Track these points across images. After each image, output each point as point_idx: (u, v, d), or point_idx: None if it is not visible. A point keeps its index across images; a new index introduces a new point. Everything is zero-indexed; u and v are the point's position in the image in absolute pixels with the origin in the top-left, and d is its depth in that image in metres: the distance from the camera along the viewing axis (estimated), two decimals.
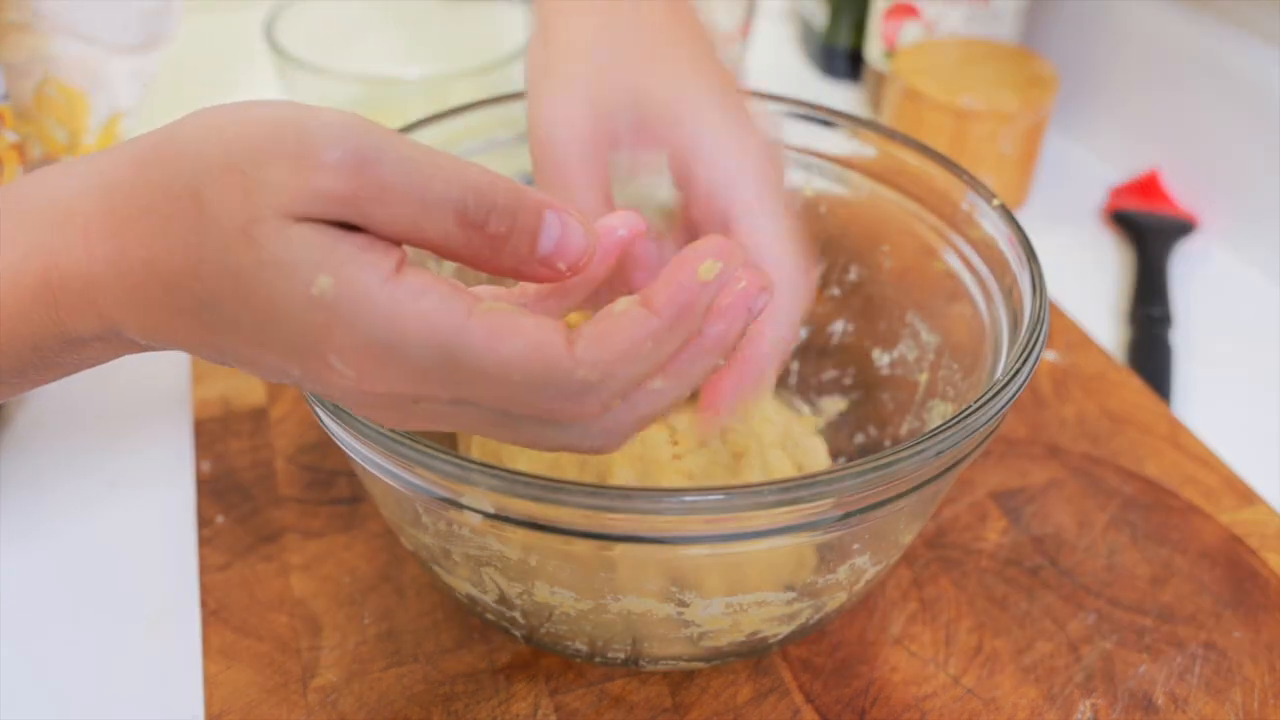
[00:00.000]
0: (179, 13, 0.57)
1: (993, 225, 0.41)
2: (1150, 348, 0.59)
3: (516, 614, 0.37)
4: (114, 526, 0.47)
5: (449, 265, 0.41)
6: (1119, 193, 0.71)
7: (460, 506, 0.31)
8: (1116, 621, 0.43)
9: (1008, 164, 0.69)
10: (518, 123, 0.46)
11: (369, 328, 0.25)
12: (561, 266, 0.28)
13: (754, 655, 0.40)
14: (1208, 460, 0.50)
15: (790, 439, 0.44)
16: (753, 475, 0.41)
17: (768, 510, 0.30)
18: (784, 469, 0.43)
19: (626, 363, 0.27)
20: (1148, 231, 0.67)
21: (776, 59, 0.89)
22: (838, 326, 0.50)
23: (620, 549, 0.33)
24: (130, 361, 0.56)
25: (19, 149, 0.47)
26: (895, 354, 0.47)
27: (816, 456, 0.45)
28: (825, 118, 0.47)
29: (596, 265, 0.31)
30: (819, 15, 0.86)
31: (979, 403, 0.33)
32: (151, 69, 0.57)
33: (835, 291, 0.49)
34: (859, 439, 0.48)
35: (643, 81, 0.36)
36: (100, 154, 0.29)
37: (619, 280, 0.35)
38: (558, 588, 0.35)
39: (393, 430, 0.31)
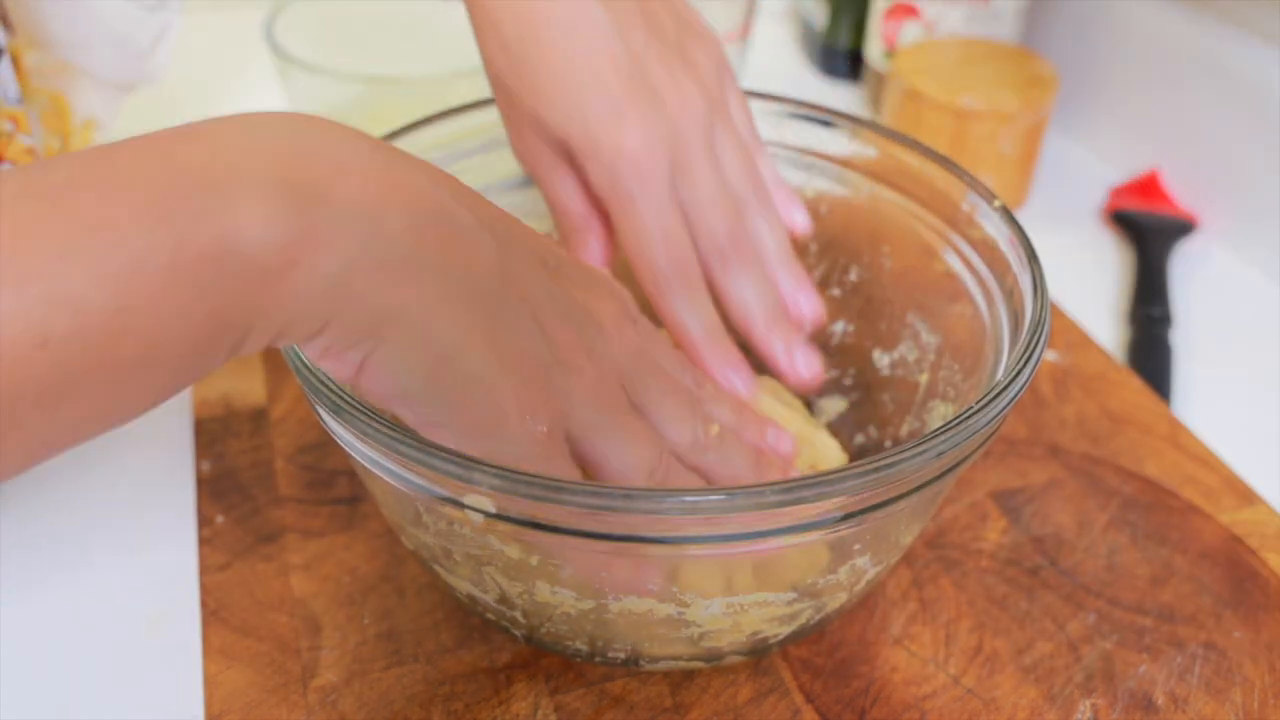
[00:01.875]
0: (167, 58, 0.57)
1: (993, 226, 0.41)
2: (1150, 348, 0.59)
3: (517, 614, 0.37)
4: (114, 526, 0.47)
5: None
6: (1119, 193, 0.72)
7: (461, 506, 0.31)
8: (1116, 621, 0.43)
9: (1008, 164, 0.69)
10: None
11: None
12: None
13: (754, 655, 0.40)
14: (1208, 460, 0.50)
15: (806, 442, 0.44)
16: None
17: (769, 511, 0.30)
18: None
19: None
20: (1148, 231, 0.67)
21: (776, 59, 0.89)
22: (838, 327, 0.50)
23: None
24: None
25: (33, 153, 0.47)
26: (895, 354, 0.47)
27: (831, 457, 0.45)
28: (825, 118, 0.47)
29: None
30: (819, 15, 0.86)
31: (980, 404, 0.33)
32: (128, 94, 0.58)
33: (835, 292, 0.49)
34: (859, 439, 0.48)
35: (536, 118, 0.40)
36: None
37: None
38: (558, 588, 0.35)
39: (394, 429, 0.31)
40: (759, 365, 0.46)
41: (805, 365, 0.42)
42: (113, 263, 0.22)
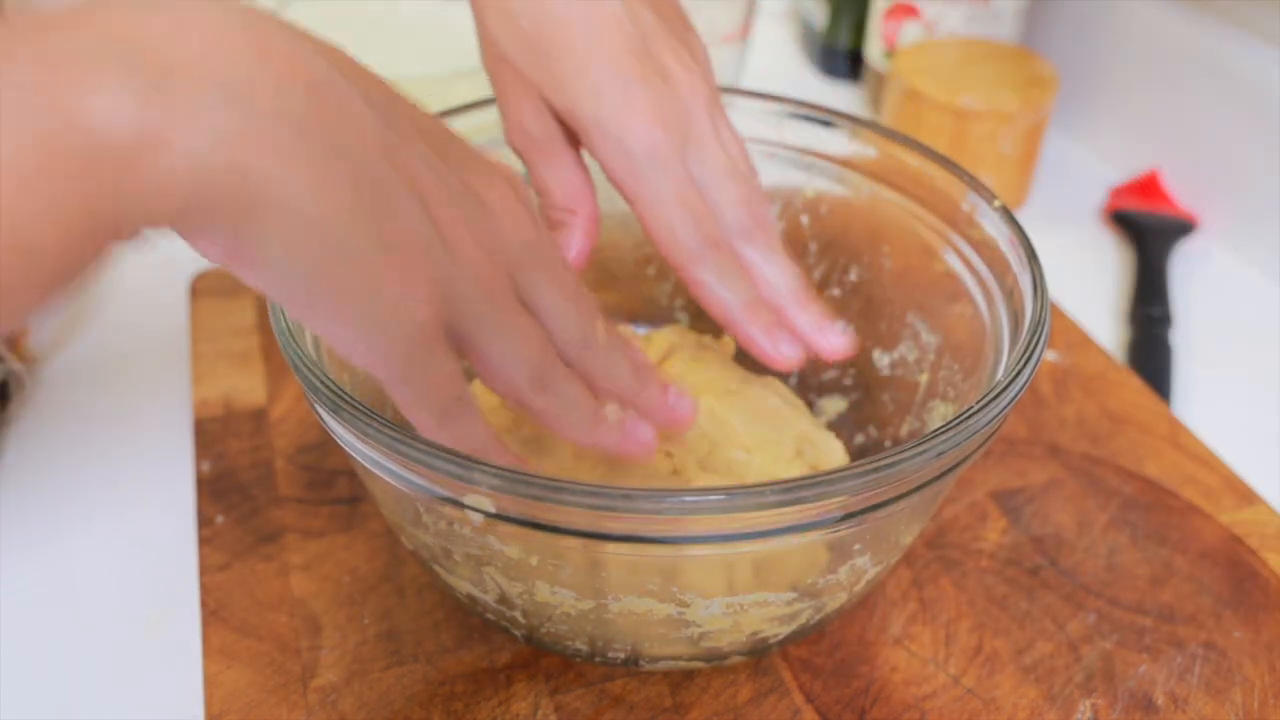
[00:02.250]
0: None
1: (993, 226, 0.41)
2: (1150, 348, 0.59)
3: (517, 614, 0.37)
4: (114, 526, 0.47)
5: None
6: (1119, 193, 0.71)
7: (461, 506, 0.31)
8: (1116, 621, 0.43)
9: (1008, 164, 0.69)
10: None
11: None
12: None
13: (754, 655, 0.40)
14: (1208, 460, 0.50)
15: (808, 443, 0.43)
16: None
17: (769, 511, 0.30)
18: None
19: None
20: (1148, 231, 0.67)
21: (776, 59, 0.89)
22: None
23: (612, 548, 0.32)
24: (131, 361, 0.56)
25: None
26: (896, 354, 0.47)
27: (834, 456, 0.44)
28: (825, 118, 0.47)
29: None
30: (819, 15, 0.86)
31: (980, 404, 0.33)
32: None
33: (835, 292, 0.49)
34: (859, 439, 0.48)
35: (545, 96, 0.39)
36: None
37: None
38: (558, 588, 0.35)
39: (394, 429, 0.31)
40: (759, 367, 0.45)
41: (840, 341, 0.40)
42: None
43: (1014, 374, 0.34)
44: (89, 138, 0.22)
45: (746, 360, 0.48)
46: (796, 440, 0.43)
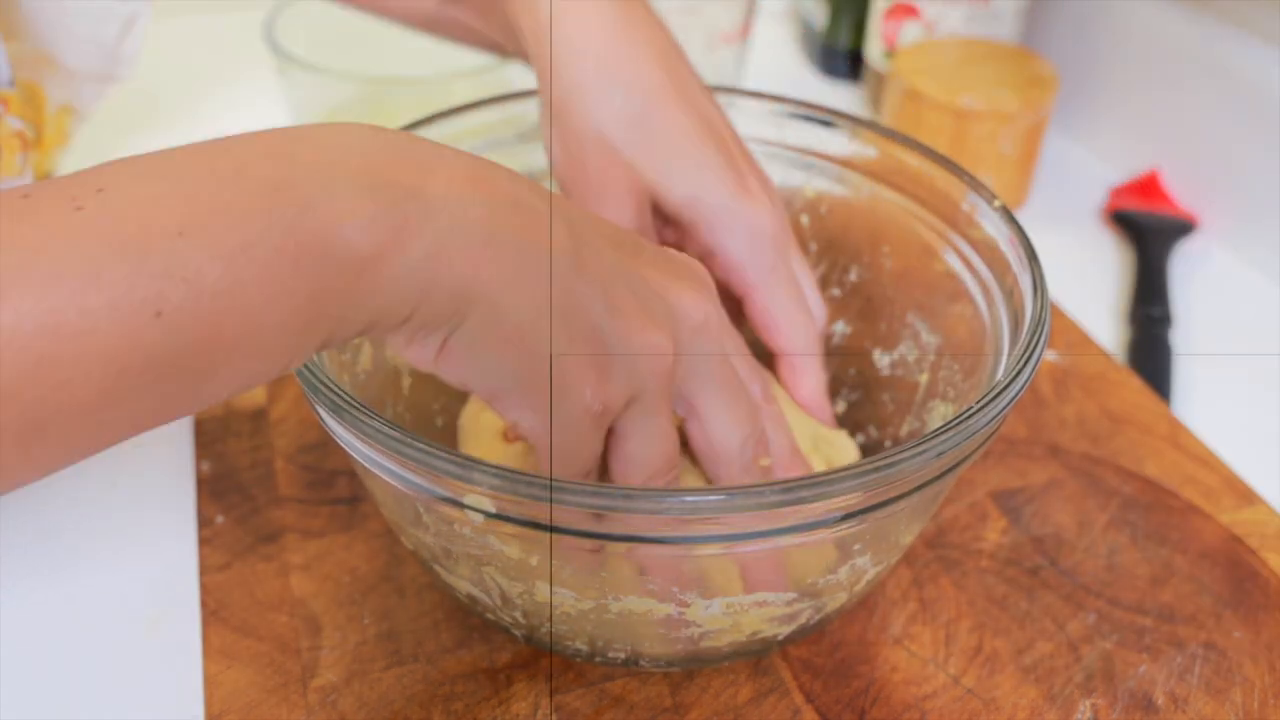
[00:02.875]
0: (136, 49, 0.57)
1: (993, 226, 0.41)
2: (1150, 348, 0.59)
3: (517, 614, 0.37)
4: (114, 526, 0.47)
5: None
6: (1119, 193, 0.71)
7: (461, 506, 0.31)
8: (1116, 621, 0.43)
9: (1008, 164, 0.69)
10: (518, 122, 0.46)
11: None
12: None
13: (754, 655, 0.40)
14: (1208, 460, 0.50)
15: (822, 439, 0.44)
16: None
17: (769, 511, 0.30)
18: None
19: None
20: (1148, 231, 0.67)
21: (776, 59, 0.89)
22: (838, 327, 0.50)
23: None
24: None
25: (21, 136, 0.47)
26: (895, 355, 0.47)
27: (847, 454, 0.45)
28: (825, 118, 0.47)
29: None
30: (819, 15, 0.86)
31: (980, 404, 0.33)
32: (112, 86, 0.57)
33: (835, 292, 0.49)
34: (859, 440, 0.48)
35: (659, 185, 0.41)
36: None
37: None
38: (559, 587, 0.35)
39: (394, 429, 0.31)
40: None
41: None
42: (228, 243, 0.24)
43: (1014, 374, 0.34)
44: (331, 239, 0.25)
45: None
46: (811, 437, 0.43)
